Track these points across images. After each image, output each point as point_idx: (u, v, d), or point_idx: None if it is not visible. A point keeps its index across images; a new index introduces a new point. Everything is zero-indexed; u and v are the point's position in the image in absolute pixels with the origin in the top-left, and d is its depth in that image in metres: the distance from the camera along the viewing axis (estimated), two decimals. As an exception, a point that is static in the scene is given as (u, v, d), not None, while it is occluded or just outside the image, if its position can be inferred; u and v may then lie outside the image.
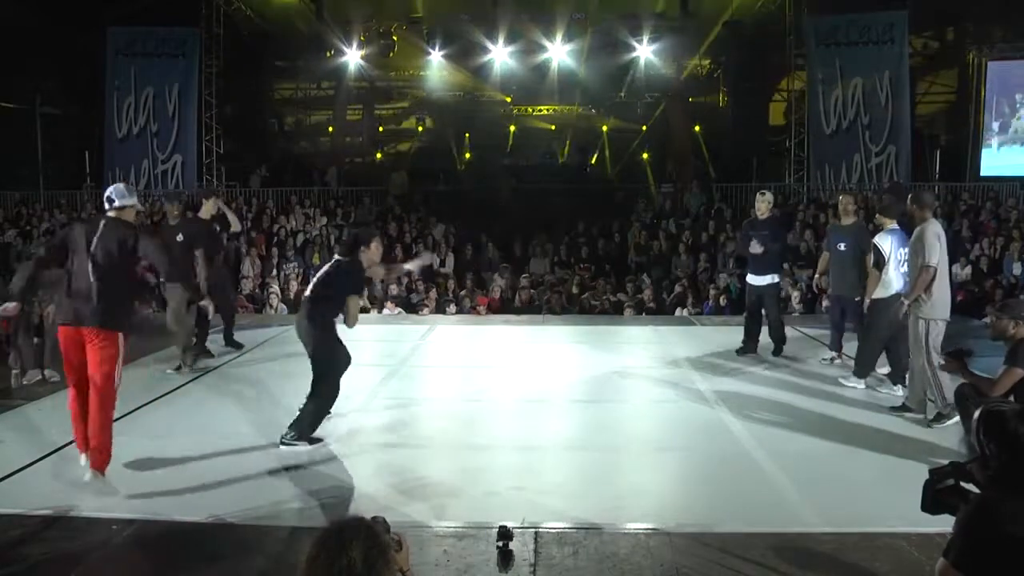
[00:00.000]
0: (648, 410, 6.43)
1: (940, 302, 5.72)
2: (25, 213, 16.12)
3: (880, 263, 6.47)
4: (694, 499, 4.50)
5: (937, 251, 5.66)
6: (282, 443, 5.14)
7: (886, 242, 6.48)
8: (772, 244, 7.84)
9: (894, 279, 6.43)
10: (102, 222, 4.64)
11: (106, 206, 4.74)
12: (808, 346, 8.55)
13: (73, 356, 4.53)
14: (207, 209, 8.00)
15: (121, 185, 4.88)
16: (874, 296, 6.58)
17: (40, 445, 5.17)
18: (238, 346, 8.50)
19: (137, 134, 17.40)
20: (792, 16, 17.07)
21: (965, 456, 2.77)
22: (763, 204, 8.02)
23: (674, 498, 4.57)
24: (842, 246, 7.30)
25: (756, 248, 7.75)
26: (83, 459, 4.53)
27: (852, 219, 7.49)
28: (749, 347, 8.09)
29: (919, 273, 5.69)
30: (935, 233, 5.73)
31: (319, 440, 5.24)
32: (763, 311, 8.02)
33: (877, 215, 6.97)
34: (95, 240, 4.51)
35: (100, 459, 4.47)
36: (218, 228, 8.26)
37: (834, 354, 7.67)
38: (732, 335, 9.14)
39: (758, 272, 7.91)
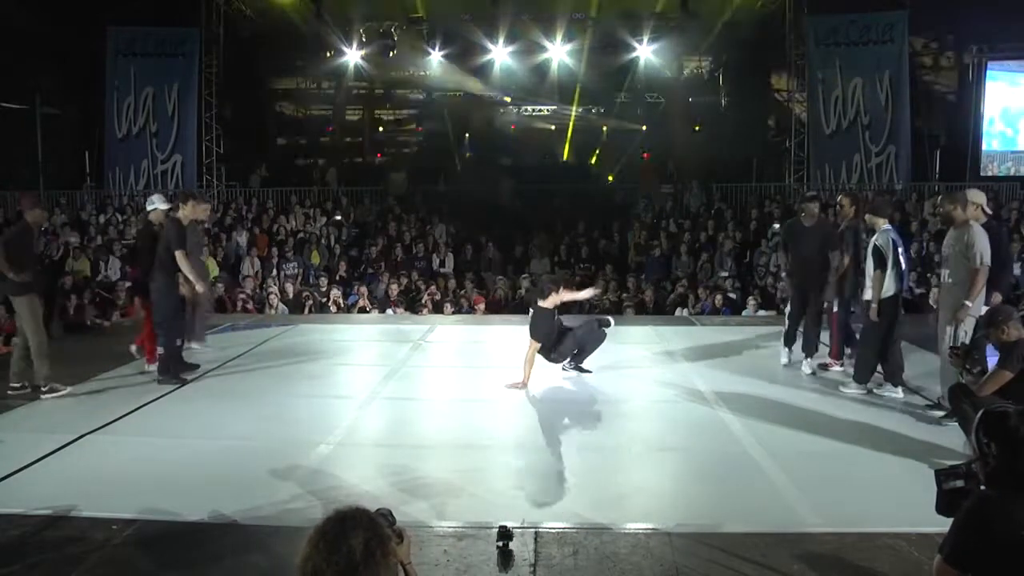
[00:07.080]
0: (648, 410, 6.43)
1: (981, 300, 5.87)
2: (25, 213, 16.08)
3: (884, 264, 6.34)
4: (694, 499, 4.49)
5: (988, 250, 5.76)
6: None
7: (887, 242, 6.39)
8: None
9: (893, 280, 6.34)
10: None
11: None
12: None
13: None
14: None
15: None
16: (873, 298, 6.40)
17: (40, 445, 5.17)
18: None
19: (137, 134, 17.39)
20: (792, 16, 17.07)
21: (967, 456, 2.76)
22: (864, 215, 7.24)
23: (674, 498, 4.56)
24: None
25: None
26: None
27: (853, 219, 7.40)
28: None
29: (976, 273, 5.72)
30: (982, 233, 5.80)
31: None
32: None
33: (868, 215, 6.75)
34: None
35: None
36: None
37: (830, 360, 7.48)
38: (732, 335, 9.16)
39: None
